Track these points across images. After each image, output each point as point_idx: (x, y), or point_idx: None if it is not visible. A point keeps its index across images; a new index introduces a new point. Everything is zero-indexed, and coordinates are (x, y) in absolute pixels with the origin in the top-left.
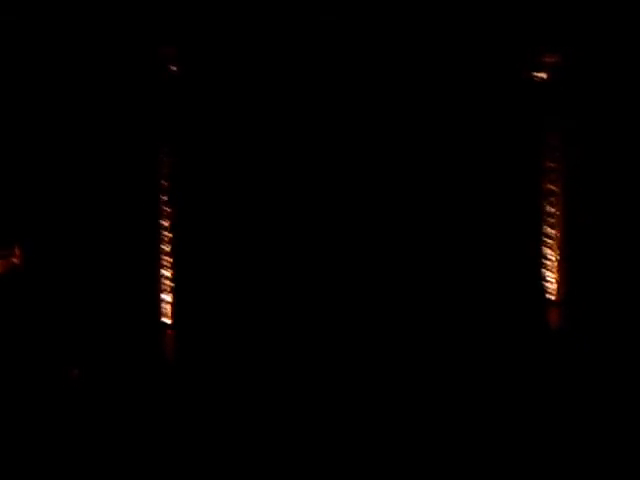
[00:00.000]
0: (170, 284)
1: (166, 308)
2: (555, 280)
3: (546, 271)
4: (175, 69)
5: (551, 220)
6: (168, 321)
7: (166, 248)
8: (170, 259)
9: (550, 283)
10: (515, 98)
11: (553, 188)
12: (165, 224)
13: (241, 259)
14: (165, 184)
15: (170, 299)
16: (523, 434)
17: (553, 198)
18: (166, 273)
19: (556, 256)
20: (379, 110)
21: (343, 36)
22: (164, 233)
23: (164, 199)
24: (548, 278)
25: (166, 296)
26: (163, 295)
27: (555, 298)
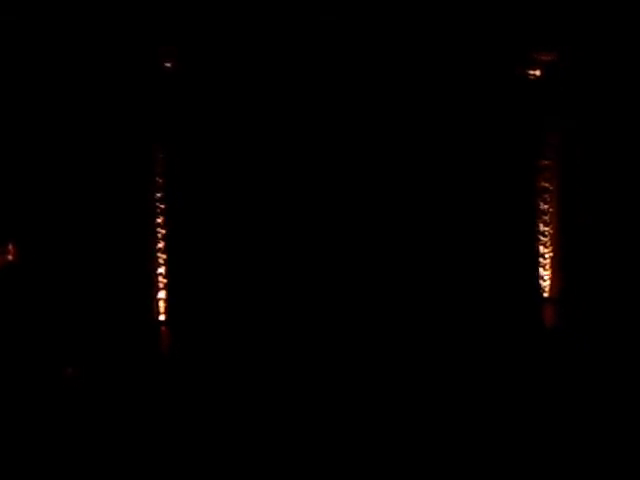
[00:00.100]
0: (164, 281)
1: (160, 305)
2: (549, 277)
3: (540, 268)
4: (170, 66)
5: (545, 217)
6: (162, 318)
7: (160, 245)
8: (164, 256)
9: (544, 280)
10: (510, 96)
11: (548, 186)
12: (159, 221)
13: (235, 256)
14: (160, 181)
15: (164, 296)
16: (519, 431)
17: (548, 195)
18: (160, 270)
19: (550, 253)
20: (376, 109)
21: (341, 35)
22: (158, 230)
23: (158, 196)
24: (542, 275)
25: (160, 293)
26: (157, 292)
27: (549, 295)
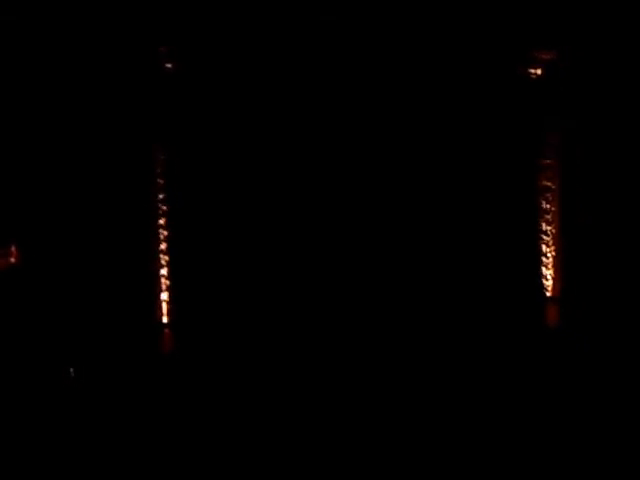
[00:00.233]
0: (166, 282)
1: (163, 306)
2: (552, 277)
3: (543, 268)
4: (170, 67)
5: (547, 216)
6: (165, 319)
7: (162, 246)
8: (166, 257)
9: (547, 280)
10: (511, 95)
11: (549, 185)
12: (161, 222)
13: (237, 257)
14: (161, 182)
15: (167, 297)
16: (520, 430)
17: (549, 194)
18: (162, 271)
19: (552, 252)
20: (377, 109)
21: (341, 35)
22: (160, 231)
23: (160, 197)
24: (545, 274)
25: (163, 295)
26: (159, 294)
27: (552, 294)
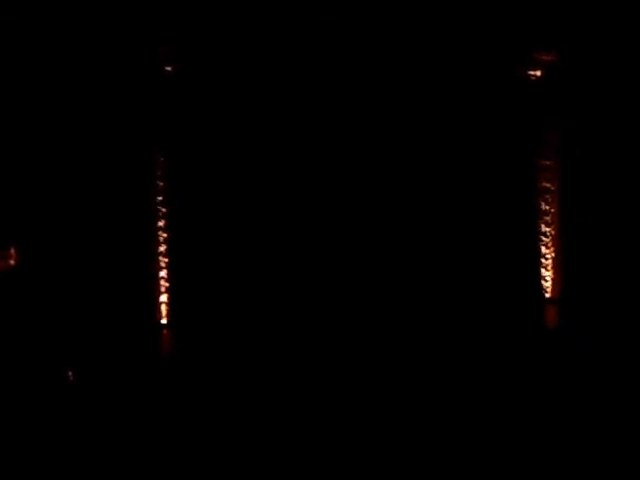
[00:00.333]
0: (166, 284)
1: (162, 308)
2: (551, 278)
3: (542, 269)
4: (170, 69)
5: (547, 218)
6: (164, 321)
7: (161, 248)
8: (165, 259)
9: (546, 281)
10: (510, 96)
11: (549, 186)
12: (160, 224)
13: (237, 259)
14: (161, 184)
15: (166, 299)
16: (519, 431)
17: (549, 196)
18: (162, 273)
19: (552, 254)
20: (377, 110)
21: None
22: (159, 233)
23: (159, 199)
24: (544, 276)
25: (162, 296)
26: (159, 295)
27: (551, 296)
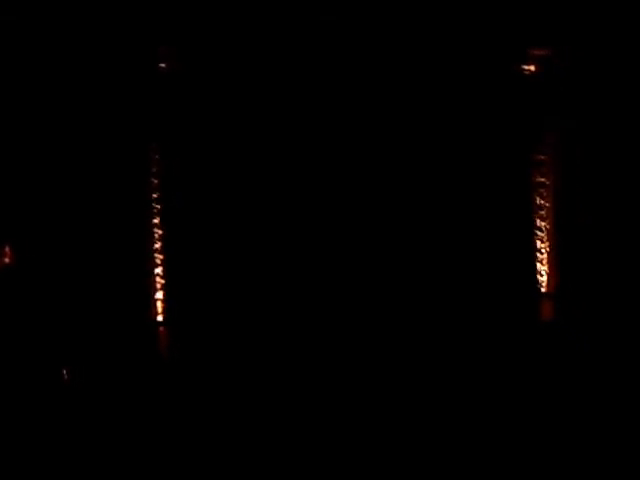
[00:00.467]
0: (161, 281)
1: (157, 305)
2: (547, 272)
3: (538, 263)
4: (166, 67)
5: (542, 212)
6: (160, 318)
7: (157, 245)
8: (161, 256)
9: (542, 275)
10: (505, 91)
11: (544, 180)
12: (156, 221)
13: (233, 256)
14: (156, 182)
15: (161, 296)
16: (515, 427)
17: (544, 190)
18: (157, 270)
19: (547, 248)
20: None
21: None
22: (155, 230)
23: (155, 197)
24: (540, 270)
25: (157, 293)
26: (154, 292)
27: (547, 290)
